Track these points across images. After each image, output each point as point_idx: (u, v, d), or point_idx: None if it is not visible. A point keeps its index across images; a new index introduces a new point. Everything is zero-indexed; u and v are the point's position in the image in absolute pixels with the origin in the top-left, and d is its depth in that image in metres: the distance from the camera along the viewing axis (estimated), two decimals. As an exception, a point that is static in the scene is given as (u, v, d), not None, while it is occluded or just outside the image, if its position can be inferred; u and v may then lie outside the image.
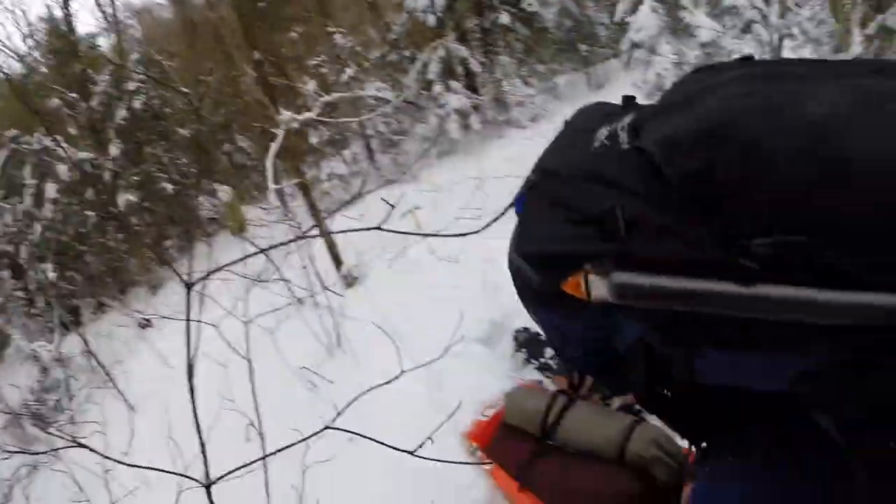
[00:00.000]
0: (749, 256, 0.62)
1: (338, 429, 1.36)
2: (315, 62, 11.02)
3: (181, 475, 1.41)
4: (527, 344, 3.47)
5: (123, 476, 2.99)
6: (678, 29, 6.65)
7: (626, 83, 8.43)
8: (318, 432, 1.41)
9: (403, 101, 10.31)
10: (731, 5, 6.32)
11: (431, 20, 9.36)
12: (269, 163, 3.87)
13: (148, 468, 1.44)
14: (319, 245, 5.13)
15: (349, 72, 10.36)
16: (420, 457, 1.36)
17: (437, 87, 9.27)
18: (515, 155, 7.65)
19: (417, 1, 9.36)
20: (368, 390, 1.47)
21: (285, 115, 4.35)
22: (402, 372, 1.46)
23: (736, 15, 6.33)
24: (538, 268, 0.85)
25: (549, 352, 3.39)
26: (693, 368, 0.82)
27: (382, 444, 1.44)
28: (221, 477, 1.38)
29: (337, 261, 5.22)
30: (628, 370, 1.10)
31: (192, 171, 13.07)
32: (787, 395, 0.84)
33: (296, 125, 4.75)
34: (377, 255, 5.18)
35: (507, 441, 2.60)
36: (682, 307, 0.67)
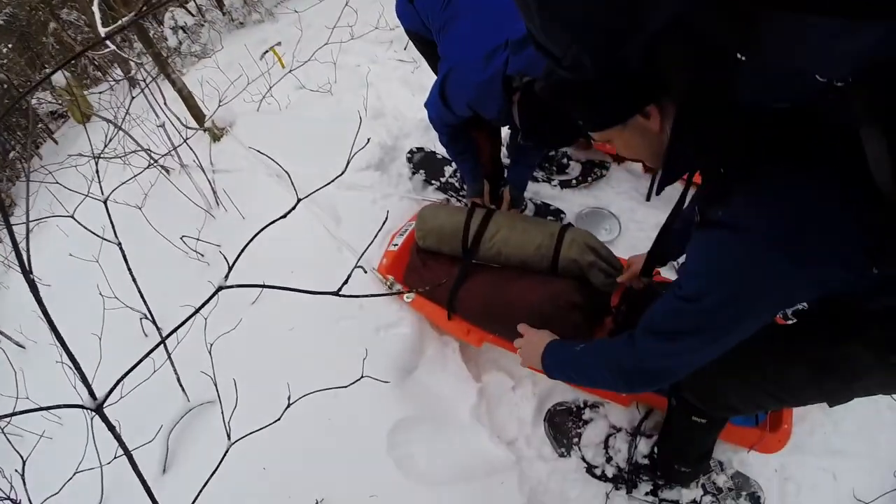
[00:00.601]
0: None
1: (235, 286, 1.04)
2: None
3: (64, 406, 1.05)
4: (423, 164, 3.17)
5: (29, 424, 2.59)
6: None
7: None
8: (210, 297, 1.08)
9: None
10: None
11: None
12: (94, 6, 3.15)
13: (25, 412, 1.10)
14: (174, 102, 4.47)
15: None
16: (345, 295, 1.06)
17: None
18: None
19: None
20: (261, 230, 1.13)
21: None
22: (299, 200, 1.12)
23: None
24: None
25: (448, 170, 3.12)
26: (758, 39, 0.77)
27: (293, 289, 1.13)
28: (109, 392, 1.04)
29: (196, 114, 4.59)
30: (660, 65, 0.94)
31: (19, 65, 11.24)
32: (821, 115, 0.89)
33: None
34: (243, 99, 4.59)
35: (426, 268, 2.38)
36: None
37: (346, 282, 1.12)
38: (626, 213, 2.86)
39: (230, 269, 1.11)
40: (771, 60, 0.80)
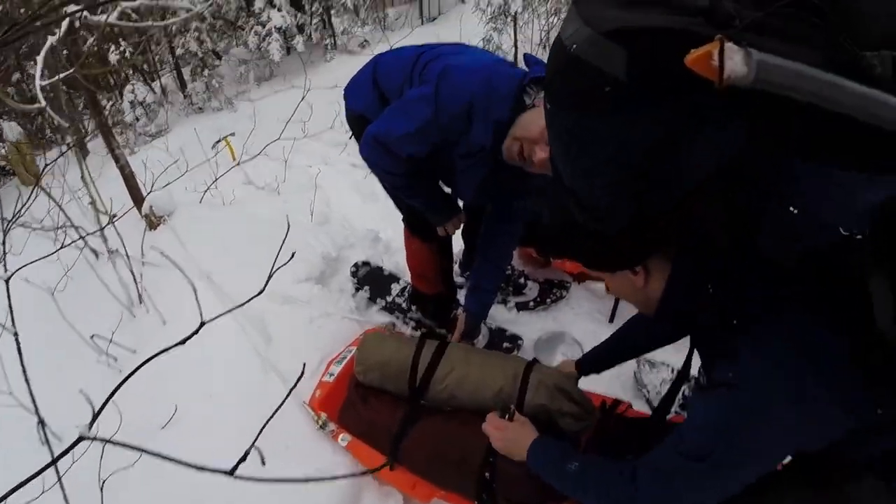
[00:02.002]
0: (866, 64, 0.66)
1: (100, 439, 0.83)
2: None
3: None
4: (368, 280, 2.96)
5: None
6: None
7: (458, 14, 8.03)
8: (66, 452, 0.86)
9: (220, 20, 9.21)
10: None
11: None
12: (39, 57, 2.98)
13: None
14: (114, 178, 4.25)
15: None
16: (242, 477, 0.85)
17: (259, 3, 8.25)
18: (344, 77, 6.98)
19: None
20: (141, 366, 0.93)
21: (72, 6, 3.43)
22: (202, 324, 0.93)
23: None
24: (641, 45, 0.74)
25: (395, 288, 2.92)
26: (790, 178, 0.86)
27: (174, 460, 0.90)
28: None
29: (136, 196, 4.36)
30: (695, 207, 0.98)
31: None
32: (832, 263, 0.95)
33: (84, 21, 3.73)
34: (185, 188, 4.40)
35: (366, 406, 2.06)
36: (813, 98, 0.64)
37: (243, 458, 0.91)
38: (588, 336, 2.62)
39: (95, 417, 0.94)
40: (804, 214, 0.89)
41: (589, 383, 2.09)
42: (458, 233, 2.46)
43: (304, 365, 1.16)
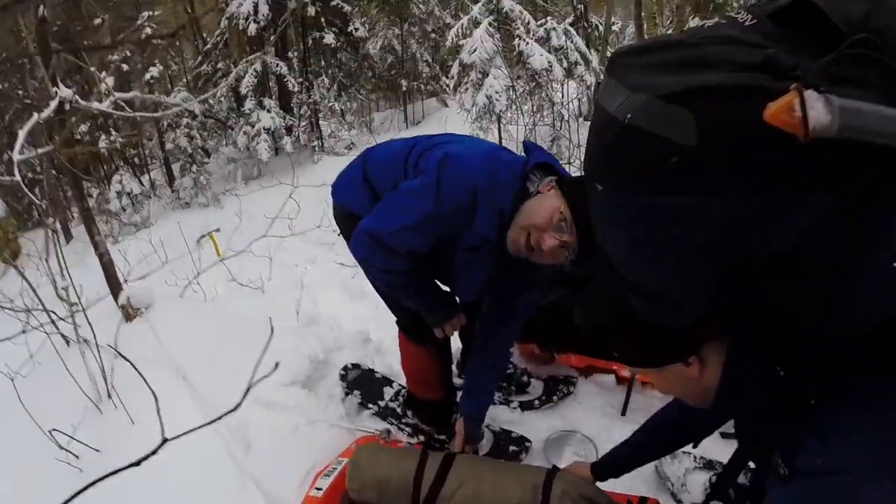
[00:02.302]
0: None
1: None
2: (117, 58, 9.63)
3: None
4: (359, 383, 2.80)
5: None
6: (510, 57, 6.69)
7: (442, 117, 8.28)
8: None
9: (211, 118, 9.42)
10: (559, 45, 6.50)
11: (252, 29, 8.42)
12: (21, 132, 2.94)
13: None
14: (95, 264, 4.12)
15: (154, 71, 9.23)
16: None
17: (250, 104, 8.45)
18: (331, 178, 7.04)
19: (240, 7, 8.40)
20: (98, 480, 0.80)
21: (65, 91, 3.42)
22: (165, 441, 0.81)
23: (563, 55, 6.51)
24: (709, 106, 0.67)
25: (389, 392, 2.75)
26: (880, 233, 0.75)
27: None
28: None
29: (114, 286, 4.21)
30: (787, 281, 0.84)
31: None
32: None
33: (74, 105, 3.75)
34: (165, 281, 4.27)
35: None
36: None
37: None
38: (600, 433, 2.47)
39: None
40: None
41: (609, 480, 1.92)
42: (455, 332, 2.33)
43: None
